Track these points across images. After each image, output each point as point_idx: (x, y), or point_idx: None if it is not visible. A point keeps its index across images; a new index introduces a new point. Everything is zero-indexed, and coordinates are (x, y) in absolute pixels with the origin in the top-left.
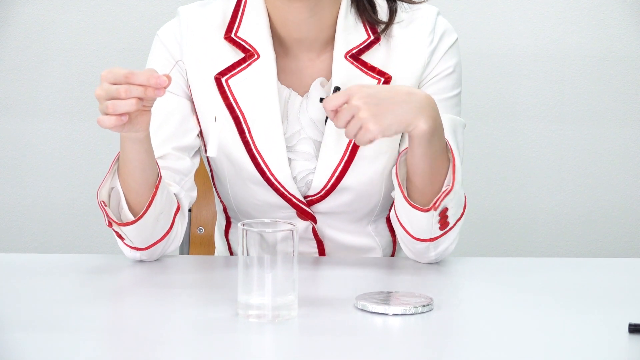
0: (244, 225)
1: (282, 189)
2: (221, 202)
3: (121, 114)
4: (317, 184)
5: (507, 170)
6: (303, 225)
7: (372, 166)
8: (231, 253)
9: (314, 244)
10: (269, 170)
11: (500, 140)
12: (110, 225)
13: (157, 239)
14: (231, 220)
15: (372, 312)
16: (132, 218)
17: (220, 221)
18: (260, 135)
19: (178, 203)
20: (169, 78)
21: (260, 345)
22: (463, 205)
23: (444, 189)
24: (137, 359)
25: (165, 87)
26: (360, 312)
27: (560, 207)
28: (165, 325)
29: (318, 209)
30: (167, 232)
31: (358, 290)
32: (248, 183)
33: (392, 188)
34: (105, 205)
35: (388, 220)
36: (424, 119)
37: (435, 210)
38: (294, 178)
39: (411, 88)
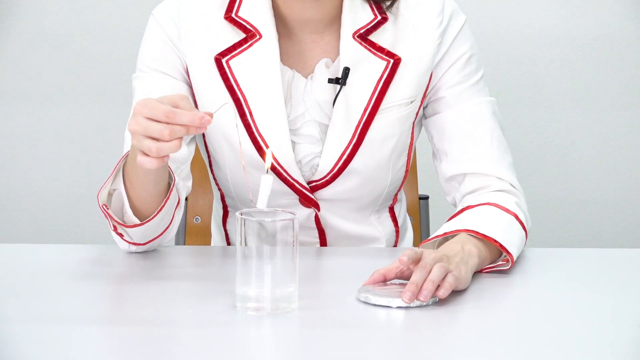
0: (242, 214)
1: (284, 173)
2: (219, 189)
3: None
4: (324, 167)
5: (535, 158)
6: (305, 213)
7: (381, 149)
8: (229, 243)
9: (316, 233)
10: (272, 154)
11: (521, 128)
12: (115, 229)
13: (157, 235)
14: (229, 209)
15: (375, 305)
16: (136, 221)
17: (218, 210)
18: (262, 117)
19: (179, 197)
20: (211, 116)
21: (259, 339)
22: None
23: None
24: (133, 352)
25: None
26: (363, 304)
27: (601, 195)
28: (161, 318)
29: (322, 195)
30: (167, 228)
31: (360, 282)
32: (249, 168)
33: (399, 175)
34: (107, 209)
35: (391, 210)
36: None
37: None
38: (298, 162)
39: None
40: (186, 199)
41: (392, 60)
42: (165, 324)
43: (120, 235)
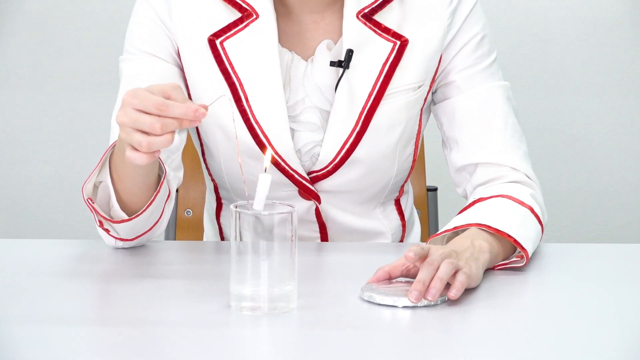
0: (237, 206)
1: (283, 163)
2: (212, 180)
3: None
4: (325, 157)
5: (550, 146)
6: (305, 205)
7: (387, 137)
8: (222, 238)
9: (316, 227)
10: (269, 142)
11: (539, 114)
12: (101, 225)
13: (146, 230)
14: (223, 201)
15: (379, 304)
16: (124, 216)
17: (211, 202)
18: (259, 103)
19: (169, 189)
20: (206, 109)
21: (255, 341)
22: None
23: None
24: (120, 355)
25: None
26: (367, 304)
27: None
28: (150, 319)
29: (323, 186)
30: (156, 222)
31: (364, 280)
32: (245, 157)
33: (406, 165)
34: (93, 203)
35: (397, 202)
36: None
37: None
38: (298, 151)
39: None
40: (177, 190)
41: (398, 42)
42: (154, 325)
43: (106, 230)
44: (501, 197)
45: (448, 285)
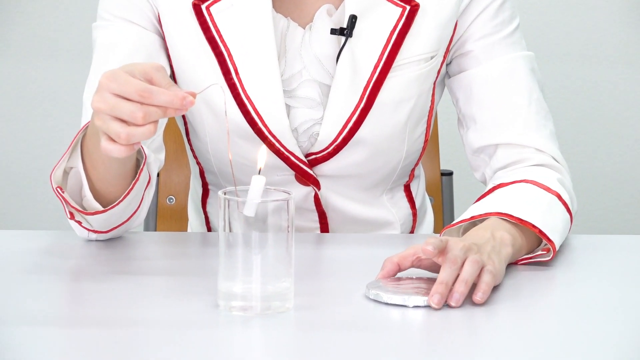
0: (225, 193)
1: (277, 144)
2: (197, 163)
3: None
4: (325, 137)
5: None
6: (303, 192)
7: (395, 115)
8: (209, 229)
9: (315, 216)
10: (262, 120)
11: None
12: (72, 216)
13: (123, 221)
14: (209, 187)
15: (387, 304)
16: (98, 207)
17: (196, 188)
18: (251, 76)
19: (149, 175)
20: (194, 97)
21: (246, 345)
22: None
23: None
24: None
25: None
26: (373, 303)
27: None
28: (128, 320)
29: (323, 170)
30: (135, 212)
31: (369, 276)
32: (234, 137)
33: (417, 146)
34: (63, 192)
35: (407, 188)
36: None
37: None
38: (294, 130)
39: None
40: (158, 175)
41: (408, 7)
42: (132, 327)
43: (78, 222)
44: (524, 182)
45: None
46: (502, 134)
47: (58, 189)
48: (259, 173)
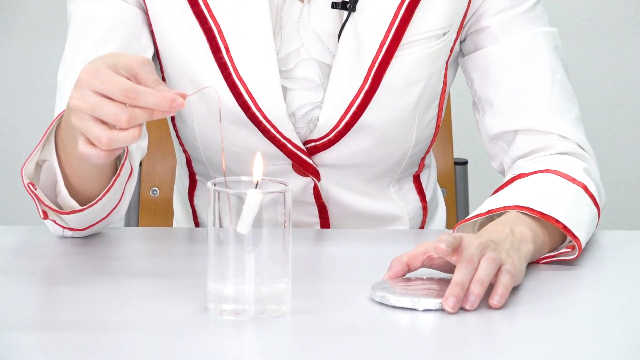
0: (215, 184)
1: (273, 130)
2: (184, 151)
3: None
4: (325, 123)
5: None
6: (301, 183)
7: (403, 98)
8: (197, 224)
9: (315, 210)
10: (255, 103)
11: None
12: (45, 216)
13: (101, 218)
14: (197, 177)
15: (395, 307)
16: (74, 206)
17: (182, 179)
18: (243, 54)
19: (131, 166)
20: (184, 97)
21: (239, 352)
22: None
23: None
24: None
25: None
26: (379, 306)
27: None
28: (108, 325)
29: (323, 159)
30: (114, 208)
31: (375, 276)
32: (225, 122)
33: (428, 132)
34: (35, 189)
35: (417, 179)
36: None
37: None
38: (291, 115)
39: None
40: (140, 164)
41: None
42: (113, 332)
43: (52, 219)
44: (547, 172)
45: None
46: (522, 118)
47: (30, 186)
48: (256, 187)
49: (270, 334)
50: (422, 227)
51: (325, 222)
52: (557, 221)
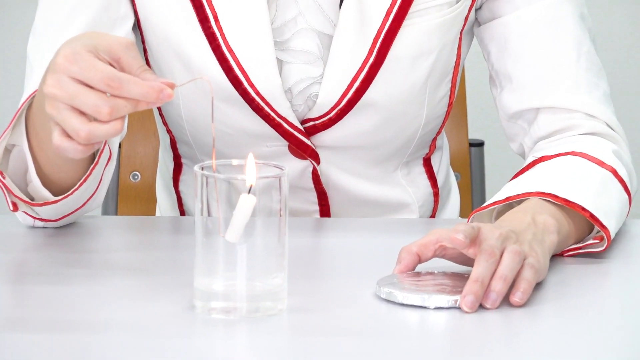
0: (203, 168)
1: (267, 108)
2: (168, 132)
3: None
4: (326, 100)
5: None
6: (298, 167)
7: (413, 72)
8: (182, 212)
9: (314, 197)
10: (247, 78)
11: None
12: (15, 208)
13: (76, 207)
14: (183, 160)
15: (403, 305)
16: (47, 197)
17: (166, 162)
18: (234, 23)
19: (110, 150)
20: (173, 87)
21: (229, 355)
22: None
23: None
24: None
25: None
26: (385, 303)
27: None
28: (85, 324)
29: (323, 140)
30: (92, 196)
31: (382, 271)
32: (214, 100)
33: (439, 110)
34: (4, 178)
35: (427, 162)
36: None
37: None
38: (287, 91)
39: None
40: (119, 146)
41: None
42: (90, 332)
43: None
44: (572, 154)
45: None
46: (545, 95)
47: None
48: (249, 192)
49: (264, 335)
50: (432, 216)
51: (325, 210)
52: (583, 209)
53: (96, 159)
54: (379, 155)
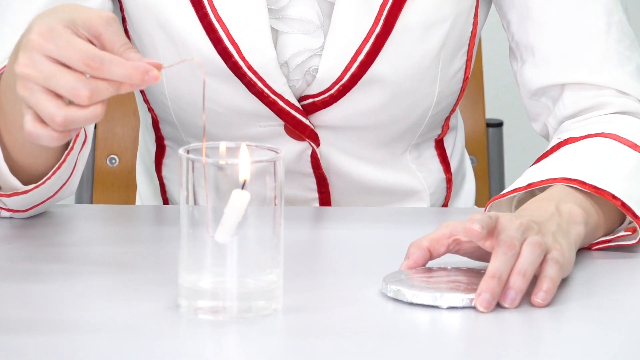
0: (189, 152)
1: (260, 84)
2: (149, 110)
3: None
4: (326, 75)
5: None
6: (295, 149)
7: (423, 44)
8: (166, 200)
9: (313, 183)
10: (238, 50)
11: None
12: None
13: (48, 196)
14: (166, 142)
15: (411, 304)
16: (17, 186)
17: (147, 145)
18: None
19: (85, 132)
20: (159, 69)
21: (218, 359)
22: None
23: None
24: None
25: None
26: (392, 302)
27: None
28: (60, 326)
29: (323, 120)
30: (65, 183)
31: (389, 267)
32: (200, 74)
33: (453, 86)
34: None
35: (440, 144)
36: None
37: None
38: (283, 65)
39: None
40: (95, 126)
41: None
42: (65, 334)
43: None
44: (601, 136)
45: None
46: (571, 69)
47: None
48: (243, 188)
49: (257, 338)
50: (445, 205)
51: (325, 198)
52: (614, 197)
53: (71, 144)
54: (385, 137)
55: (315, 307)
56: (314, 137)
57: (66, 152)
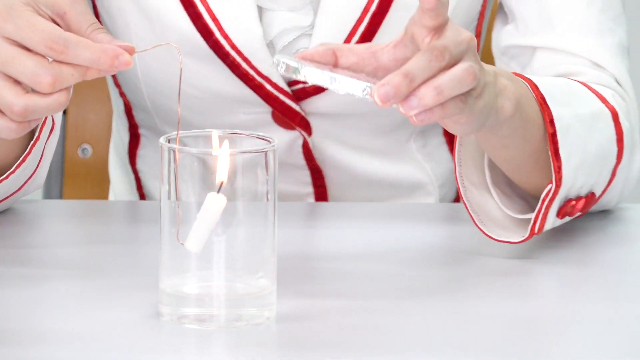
0: (169, 141)
1: (244, 65)
2: (122, 95)
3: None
4: None
5: None
6: (284, 139)
7: None
8: (142, 195)
9: (307, 176)
10: (220, 28)
11: None
12: None
13: (12, 192)
14: (140, 130)
15: (303, 83)
16: None
17: (121, 133)
18: None
19: (53, 120)
20: (132, 53)
21: None
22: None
23: (543, 195)
24: None
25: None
26: (395, 311)
27: None
28: (27, 337)
29: (315, 106)
30: (30, 177)
31: (392, 267)
32: (177, 55)
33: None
34: None
35: (447, 132)
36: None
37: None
38: (270, 44)
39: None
40: (64, 113)
41: None
42: (35, 345)
43: None
44: (572, 80)
45: None
46: (546, 33)
47: None
48: (219, 191)
49: (248, 349)
50: (456, 200)
51: (321, 193)
52: (551, 121)
53: (37, 134)
54: (386, 124)
55: (312, 315)
56: (304, 125)
57: (32, 142)
